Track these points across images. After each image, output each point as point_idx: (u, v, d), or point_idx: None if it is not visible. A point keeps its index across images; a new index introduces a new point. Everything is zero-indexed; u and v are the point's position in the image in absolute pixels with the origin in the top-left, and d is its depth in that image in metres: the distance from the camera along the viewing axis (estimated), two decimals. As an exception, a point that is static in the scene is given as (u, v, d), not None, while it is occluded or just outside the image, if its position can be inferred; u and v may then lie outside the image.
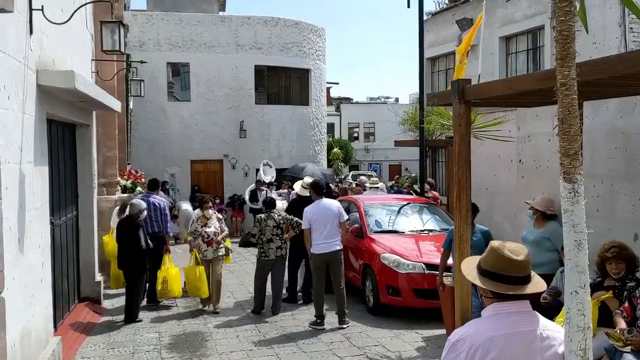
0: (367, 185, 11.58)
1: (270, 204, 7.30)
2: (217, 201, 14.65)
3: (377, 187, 11.41)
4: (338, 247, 6.70)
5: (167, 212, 7.78)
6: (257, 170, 16.36)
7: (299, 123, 17.92)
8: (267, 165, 15.61)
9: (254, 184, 14.87)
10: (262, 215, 7.18)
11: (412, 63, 76.06)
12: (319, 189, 6.88)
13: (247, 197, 14.55)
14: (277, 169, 15.96)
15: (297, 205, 7.69)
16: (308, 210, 6.67)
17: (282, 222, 7.16)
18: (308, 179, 8.04)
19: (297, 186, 8.18)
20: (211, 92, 16.65)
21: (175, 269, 7.55)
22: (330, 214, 6.67)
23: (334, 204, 6.81)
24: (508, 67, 10.44)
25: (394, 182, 17.73)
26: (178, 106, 16.69)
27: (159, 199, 7.86)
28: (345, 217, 6.84)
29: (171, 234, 8.02)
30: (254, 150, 17.12)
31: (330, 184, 11.37)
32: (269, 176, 15.20)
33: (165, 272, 7.38)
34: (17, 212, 4.13)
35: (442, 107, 8.45)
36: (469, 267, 2.28)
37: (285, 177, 15.53)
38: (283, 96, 18.22)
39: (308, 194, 7.50)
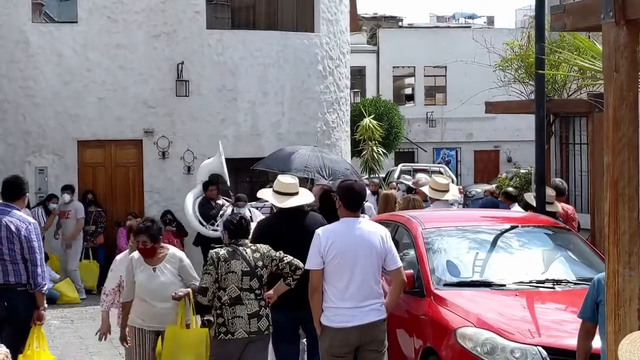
0: (429, 191, 11.55)
1: (239, 228, 7.37)
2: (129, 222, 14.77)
3: (448, 199, 11.41)
4: (378, 317, 6.83)
5: (39, 243, 7.87)
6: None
7: (294, 68, 17.97)
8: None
9: (199, 187, 14.89)
10: (221, 251, 7.23)
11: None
12: (354, 198, 7.00)
13: (192, 211, 14.56)
14: (253, 160, 16.04)
15: (277, 228, 7.88)
16: (323, 234, 6.83)
17: (261, 264, 7.23)
18: (287, 177, 8.29)
19: (267, 192, 8.40)
20: (119, 5, 16.75)
21: (50, 356, 7.67)
22: (367, 248, 6.80)
23: (376, 231, 6.95)
24: None
25: (494, 187, 17.67)
26: (53, 33, 16.74)
27: (22, 217, 7.93)
28: (398, 260, 6.97)
29: (46, 288, 8.10)
30: (204, 123, 17.17)
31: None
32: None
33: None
34: None
35: (582, 35, 8.46)
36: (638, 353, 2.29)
37: (267, 179, 15.53)
38: (263, 14, 18.17)
39: (295, 204, 7.83)
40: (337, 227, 6.92)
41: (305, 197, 8.09)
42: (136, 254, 7.56)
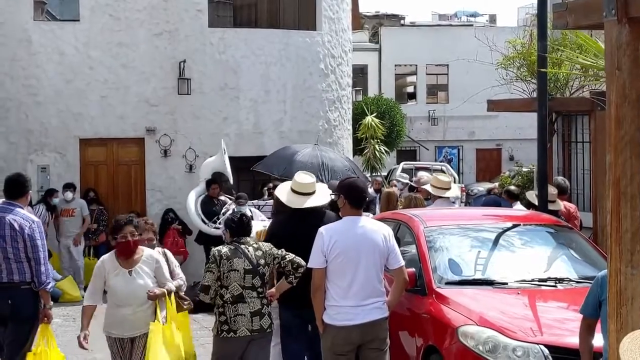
0: (430, 188, 11.55)
1: (240, 226, 7.37)
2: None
3: (450, 196, 11.41)
4: (380, 315, 6.85)
5: (42, 242, 7.87)
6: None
7: (296, 66, 17.99)
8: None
9: (202, 185, 14.90)
10: (223, 249, 7.24)
11: (524, -55, 76.05)
12: (358, 195, 7.02)
13: (195, 209, 14.57)
14: (254, 158, 16.06)
15: (292, 227, 7.81)
16: (326, 232, 6.85)
17: (263, 262, 7.23)
18: (304, 176, 8.21)
19: (283, 191, 8.29)
20: (121, 3, 16.77)
21: (60, 354, 7.66)
22: (370, 247, 6.82)
23: (379, 229, 6.97)
24: None
25: (496, 185, 17.66)
26: (56, 31, 16.78)
27: (25, 216, 7.93)
28: (400, 258, 6.99)
29: (50, 286, 8.09)
30: (206, 121, 17.20)
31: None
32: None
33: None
34: None
35: (584, 33, 8.46)
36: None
37: (269, 177, 15.59)
38: (265, 13, 18.18)
39: (311, 205, 7.76)
40: (340, 226, 6.94)
41: (322, 197, 8.05)
42: (108, 258, 7.41)
